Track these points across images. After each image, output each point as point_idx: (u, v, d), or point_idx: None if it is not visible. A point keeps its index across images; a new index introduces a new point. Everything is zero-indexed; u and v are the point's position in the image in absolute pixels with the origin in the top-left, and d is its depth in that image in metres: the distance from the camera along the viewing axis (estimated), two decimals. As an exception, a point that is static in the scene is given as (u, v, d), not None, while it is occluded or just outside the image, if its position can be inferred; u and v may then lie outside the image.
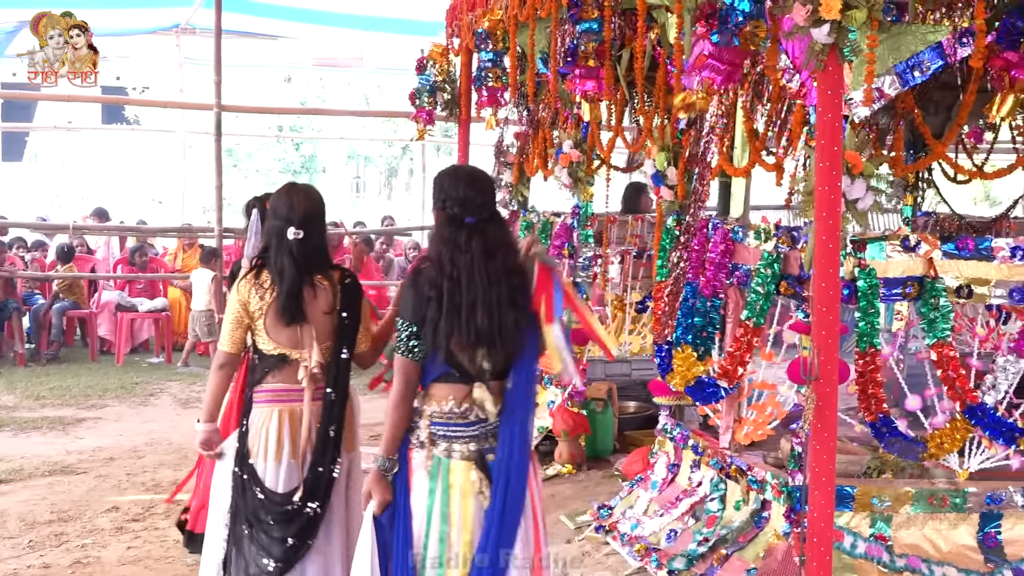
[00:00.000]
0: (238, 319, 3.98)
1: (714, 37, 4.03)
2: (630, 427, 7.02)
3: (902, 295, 4.35)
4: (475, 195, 3.57)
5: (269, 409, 3.99)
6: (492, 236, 3.56)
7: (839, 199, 3.66)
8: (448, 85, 8.22)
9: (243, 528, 3.96)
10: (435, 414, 3.52)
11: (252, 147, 26.33)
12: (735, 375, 4.74)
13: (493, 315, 3.47)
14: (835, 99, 3.57)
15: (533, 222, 7.52)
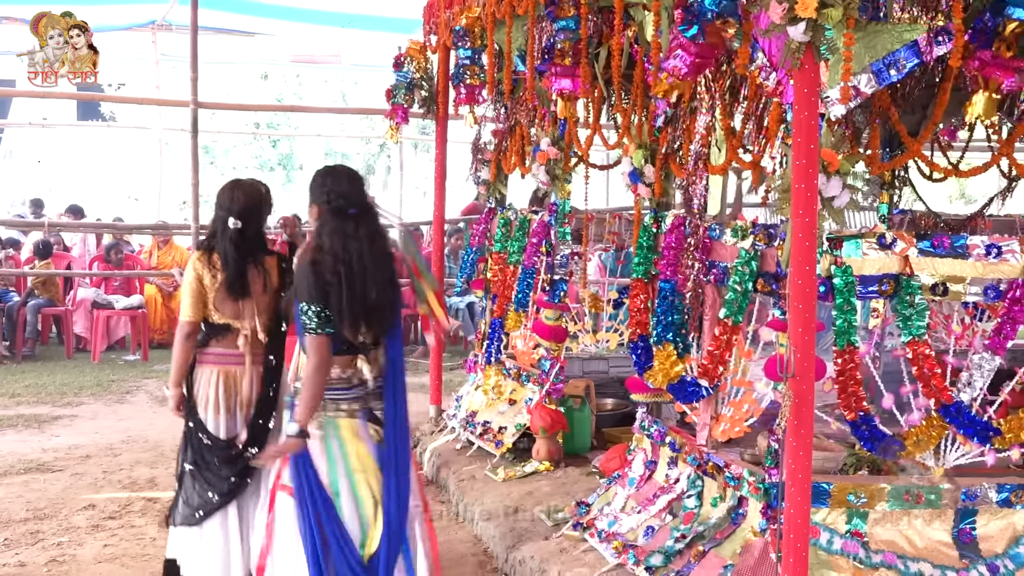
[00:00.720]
0: (196, 292, 4.59)
1: (681, 29, 4.05)
2: (608, 424, 7.04)
3: (878, 292, 4.37)
4: (355, 190, 4.12)
5: (211, 369, 4.64)
6: (372, 225, 4.13)
7: (815, 197, 3.67)
8: (425, 82, 8.20)
9: (189, 467, 4.64)
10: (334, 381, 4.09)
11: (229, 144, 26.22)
12: (715, 374, 4.76)
13: (380, 295, 4.08)
14: (811, 97, 3.58)
15: (511, 219, 7.52)
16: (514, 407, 6.95)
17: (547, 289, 6.85)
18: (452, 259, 12.64)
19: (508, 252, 7.38)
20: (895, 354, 4.51)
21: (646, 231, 5.48)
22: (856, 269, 4.27)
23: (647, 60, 5.35)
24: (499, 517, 5.70)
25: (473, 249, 8.16)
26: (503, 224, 7.58)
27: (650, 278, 5.46)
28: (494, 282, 7.52)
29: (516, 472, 6.37)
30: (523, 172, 7.39)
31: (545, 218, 6.94)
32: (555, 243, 6.81)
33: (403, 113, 8.19)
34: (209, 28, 13.80)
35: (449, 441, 7.27)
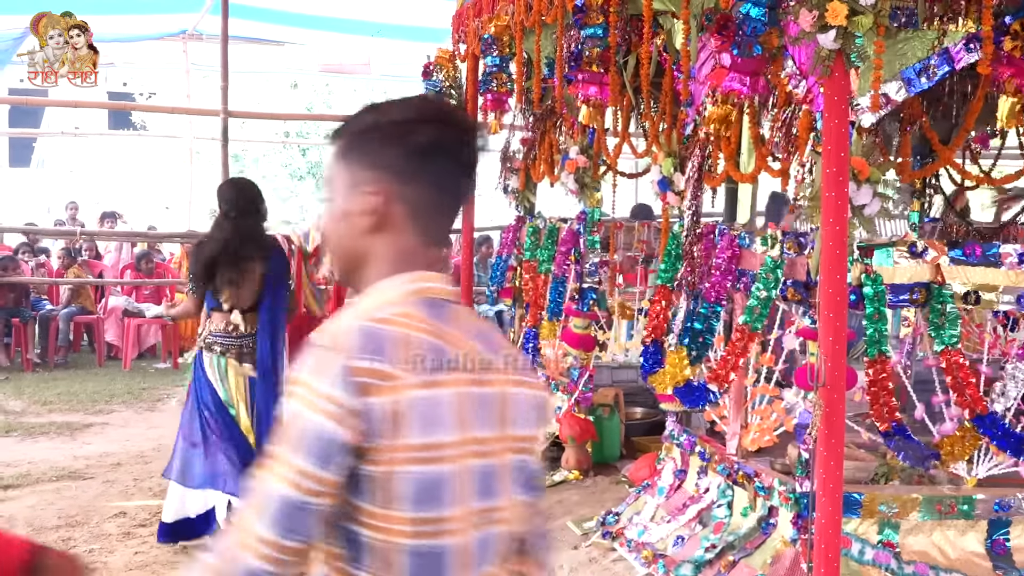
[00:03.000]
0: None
1: (733, 48, 4.04)
2: (637, 433, 7.01)
3: (909, 301, 4.34)
4: (238, 197, 5.69)
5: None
6: (245, 224, 5.60)
7: (846, 205, 3.66)
8: (454, 91, 8.21)
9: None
10: (213, 331, 5.62)
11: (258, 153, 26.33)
12: (726, 379, 4.72)
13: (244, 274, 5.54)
14: (842, 105, 3.57)
15: (539, 227, 7.52)
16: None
17: (576, 298, 6.84)
18: (481, 268, 12.64)
19: (538, 261, 7.37)
20: (926, 363, 4.48)
21: (675, 239, 5.47)
22: (887, 278, 4.25)
23: (676, 68, 5.35)
24: (528, 526, 5.69)
25: (502, 258, 8.15)
26: (532, 233, 7.58)
27: (674, 285, 5.45)
28: (526, 291, 7.52)
29: (545, 481, 6.37)
30: (552, 180, 7.39)
31: (574, 227, 6.94)
32: (584, 251, 6.80)
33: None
34: (239, 37, 13.88)
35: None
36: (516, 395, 1.82)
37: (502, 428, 1.79)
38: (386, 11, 13.41)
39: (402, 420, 1.65)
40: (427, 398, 1.67)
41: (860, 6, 3.38)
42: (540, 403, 1.90)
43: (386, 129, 1.81)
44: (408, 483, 1.65)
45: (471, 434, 1.73)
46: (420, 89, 8.22)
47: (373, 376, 1.64)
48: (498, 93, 7.48)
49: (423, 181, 1.81)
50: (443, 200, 1.85)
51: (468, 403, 1.73)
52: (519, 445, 1.83)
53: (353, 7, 13.54)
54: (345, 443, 1.63)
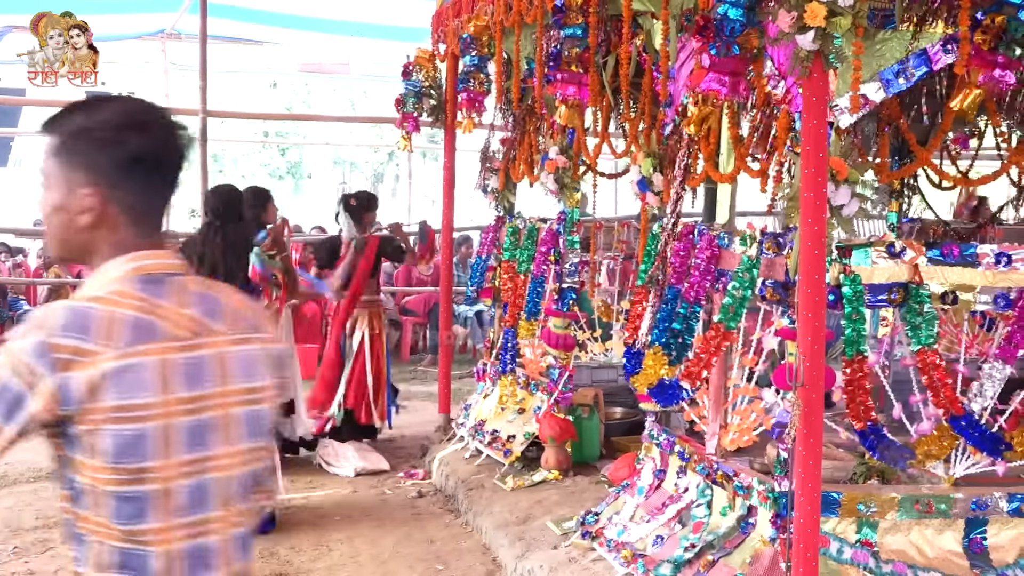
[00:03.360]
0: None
1: (712, 49, 4.04)
2: (617, 433, 7.02)
3: (887, 301, 4.36)
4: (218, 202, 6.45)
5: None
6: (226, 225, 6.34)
7: (824, 205, 3.68)
8: (434, 91, 8.21)
9: None
10: None
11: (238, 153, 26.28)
12: (698, 377, 4.72)
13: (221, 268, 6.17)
14: (820, 105, 3.58)
15: (519, 228, 7.51)
16: (523, 416, 6.95)
17: (556, 298, 6.84)
18: (461, 268, 12.64)
19: (517, 261, 7.37)
20: (904, 363, 4.49)
21: (654, 239, 5.47)
22: (865, 278, 4.26)
23: (655, 68, 5.36)
24: (508, 526, 5.70)
25: (482, 258, 8.15)
26: (512, 233, 7.58)
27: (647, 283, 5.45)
28: (504, 291, 7.51)
29: (525, 481, 6.36)
30: (531, 181, 7.39)
31: (554, 227, 6.94)
32: (564, 252, 6.80)
33: (413, 122, 8.20)
34: (218, 37, 13.83)
35: (458, 450, 7.27)
36: (237, 353, 2.06)
37: (223, 384, 2.03)
38: (366, 11, 13.39)
39: (99, 389, 1.89)
40: (125, 367, 1.90)
41: (839, 7, 3.38)
42: (270, 355, 2.15)
43: (96, 134, 2.00)
44: (109, 439, 1.90)
45: (177, 395, 1.96)
46: (400, 89, 8.23)
47: (72, 353, 1.87)
48: (475, 92, 7.48)
49: (133, 186, 2.04)
50: (152, 201, 2.10)
51: (173, 368, 1.96)
52: (247, 397, 2.07)
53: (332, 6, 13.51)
54: (33, 410, 1.88)
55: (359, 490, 7.03)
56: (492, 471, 6.68)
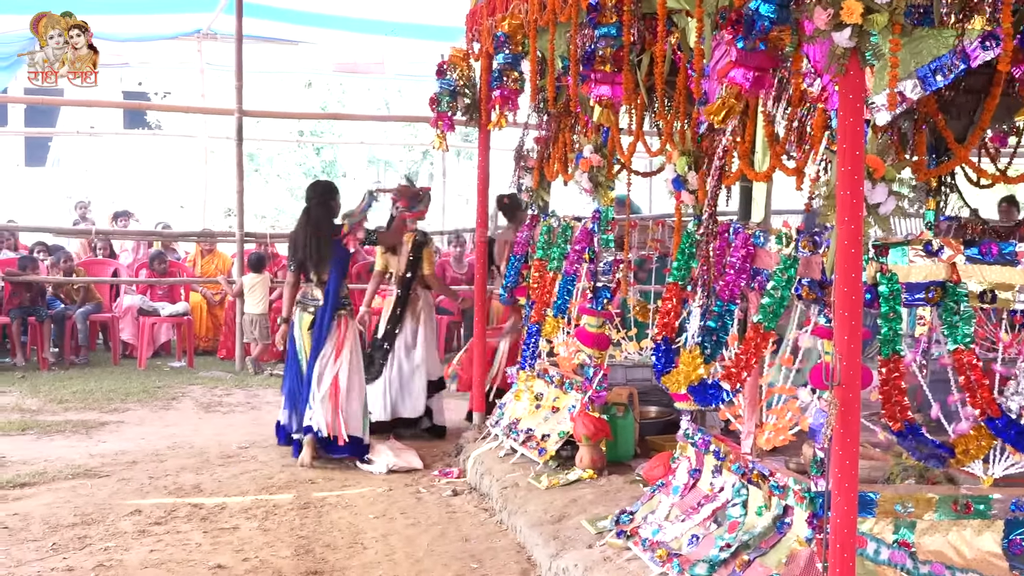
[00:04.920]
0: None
1: (739, 42, 4.03)
2: (651, 432, 7.01)
3: (924, 300, 4.32)
4: (309, 194, 7.97)
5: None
6: (316, 213, 7.79)
7: (861, 204, 3.66)
8: (468, 90, 8.23)
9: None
10: (300, 295, 7.85)
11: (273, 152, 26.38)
12: (739, 378, 4.70)
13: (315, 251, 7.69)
14: (857, 103, 3.56)
15: (553, 226, 7.51)
16: (557, 415, 6.95)
17: (590, 296, 6.83)
18: (496, 266, 12.64)
19: (549, 259, 7.37)
20: (942, 362, 4.46)
21: (688, 238, 5.46)
22: (902, 276, 4.24)
23: (690, 67, 5.34)
24: (542, 525, 5.70)
25: (517, 256, 8.16)
26: (546, 231, 7.58)
27: (686, 284, 5.44)
28: (533, 289, 7.53)
29: (559, 480, 6.36)
30: (566, 179, 7.39)
31: (588, 225, 6.93)
32: (598, 250, 6.79)
33: (448, 121, 8.22)
34: (254, 37, 13.93)
35: (492, 449, 7.27)
36: None
37: None
38: (400, 10, 13.44)
39: None
40: None
41: (875, 4, 3.37)
42: None
43: None
44: None
45: None
46: (435, 88, 8.25)
47: None
48: (509, 90, 7.49)
49: None
50: None
51: None
52: None
53: (367, 6, 13.57)
54: None
55: (394, 488, 7.05)
56: (527, 470, 6.68)
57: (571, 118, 7.41)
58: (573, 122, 7.43)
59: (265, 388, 10.85)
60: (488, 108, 8.09)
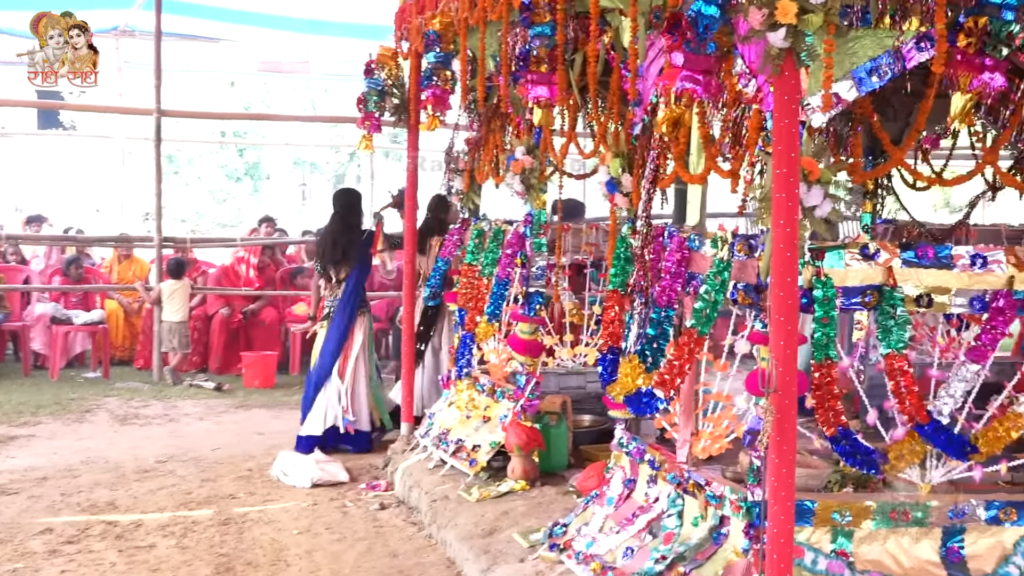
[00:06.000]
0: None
1: (687, 47, 4.05)
2: (585, 441, 7.02)
3: (861, 304, 4.38)
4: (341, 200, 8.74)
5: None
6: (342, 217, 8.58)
7: (796, 206, 3.69)
8: (397, 89, 8.18)
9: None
10: (325, 296, 8.57)
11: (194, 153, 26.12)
12: (672, 385, 4.73)
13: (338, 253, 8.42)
14: (792, 104, 3.59)
15: (484, 230, 7.50)
16: (488, 424, 6.93)
17: (523, 302, 6.83)
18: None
19: (481, 264, 7.35)
20: (879, 368, 4.51)
21: (623, 242, 5.48)
22: (838, 280, 4.28)
23: (624, 67, 5.36)
24: (473, 539, 5.67)
25: (442, 260, 8.14)
26: (476, 235, 7.56)
27: (626, 290, 5.46)
28: (463, 296, 7.50)
29: (490, 492, 6.35)
30: (497, 182, 7.38)
31: (520, 229, 6.93)
32: (530, 255, 6.79)
33: (375, 122, 8.17)
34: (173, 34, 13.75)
35: (421, 460, 7.24)
36: None
37: None
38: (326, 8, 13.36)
39: None
40: None
41: (810, 4, 3.40)
42: None
43: None
44: None
45: None
46: (362, 87, 8.20)
47: None
48: (439, 90, 7.47)
49: None
50: None
51: None
52: None
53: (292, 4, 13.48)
54: None
55: (319, 502, 6.99)
56: (457, 482, 6.66)
57: (502, 119, 7.41)
58: (504, 123, 7.42)
59: (184, 399, 10.72)
60: (418, 108, 8.05)
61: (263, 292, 12.95)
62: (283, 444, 8.32)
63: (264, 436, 9.05)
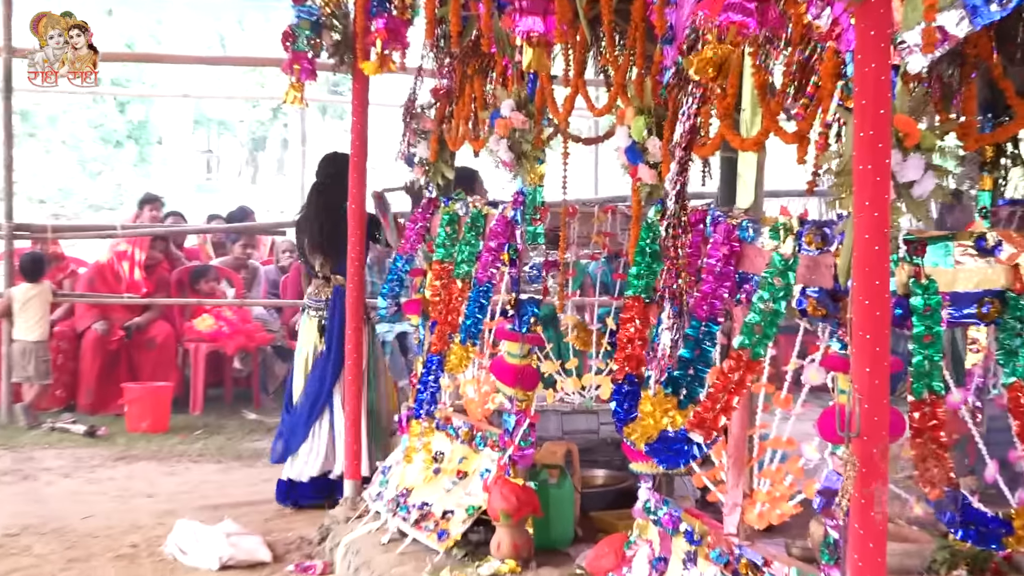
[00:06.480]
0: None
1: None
2: (598, 506, 7.03)
3: (977, 316, 4.37)
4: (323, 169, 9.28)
5: None
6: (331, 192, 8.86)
7: (887, 182, 3.70)
8: (338, 20, 8.19)
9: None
10: (308, 294, 9.19)
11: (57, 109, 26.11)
12: (714, 425, 4.70)
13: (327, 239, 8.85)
14: (881, 42, 3.61)
15: (459, 214, 7.49)
16: (464, 483, 6.93)
17: (511, 313, 6.82)
18: (376, 271, 12.58)
19: (455, 261, 7.34)
20: (999, 403, 4.50)
21: (649, 231, 5.48)
22: (945, 284, 4.28)
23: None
24: (444, 640, 5.68)
25: (403, 257, 8.12)
26: (448, 222, 7.55)
27: (652, 296, 5.44)
28: (434, 303, 7.49)
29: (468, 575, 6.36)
30: (476, 148, 7.38)
31: (508, 213, 6.93)
32: (522, 248, 6.79)
33: (307, 65, 8.17)
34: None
35: (372, 532, 7.23)
36: None
37: None
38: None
39: None
40: None
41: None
42: None
43: None
44: None
45: None
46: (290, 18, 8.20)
47: None
48: (395, 21, 7.48)
49: None
50: None
51: None
52: None
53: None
54: None
55: (231, 591, 7.00)
56: (421, 562, 6.65)
57: (483, 62, 7.41)
58: (486, 67, 7.43)
59: (43, 448, 10.72)
60: (366, 46, 8.05)
61: (153, 300, 12.94)
62: (179, 510, 8.31)
63: (154, 499, 9.05)
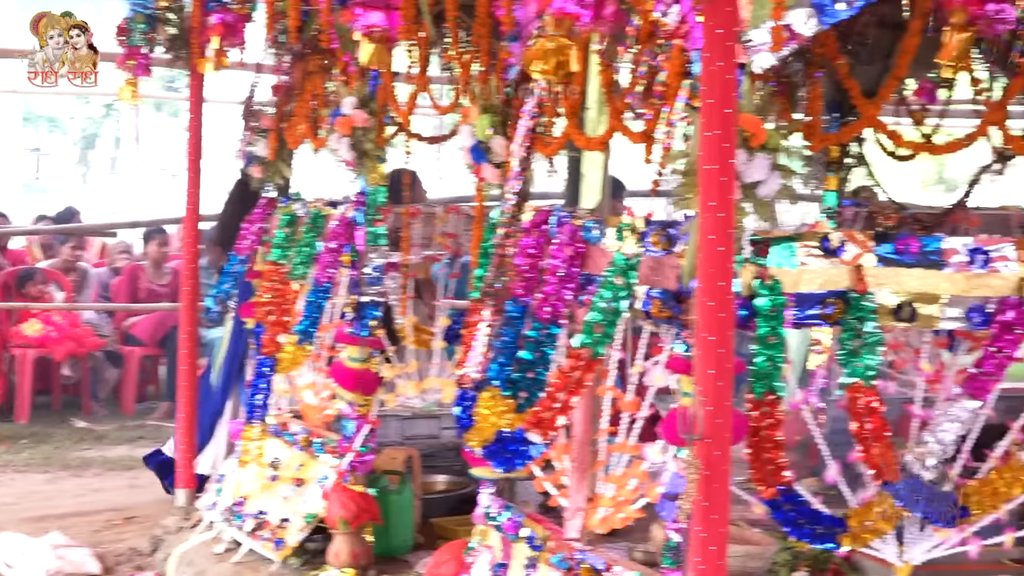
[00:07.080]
0: None
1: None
2: (439, 512, 7.04)
3: (820, 317, 4.42)
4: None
5: None
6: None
7: (733, 182, 3.74)
8: (174, 14, 8.13)
9: None
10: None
11: None
12: (552, 425, 4.71)
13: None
14: (727, 40, 3.65)
15: (298, 215, 7.46)
16: (301, 490, 6.89)
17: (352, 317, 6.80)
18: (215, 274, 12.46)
19: (291, 263, 7.31)
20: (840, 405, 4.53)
21: (493, 231, 5.49)
22: (789, 285, 4.32)
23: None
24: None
25: (239, 258, 8.06)
26: (286, 223, 7.51)
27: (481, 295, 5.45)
28: (265, 306, 7.44)
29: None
30: (316, 146, 7.35)
31: (349, 214, 6.91)
32: (363, 250, 6.77)
33: (142, 60, 8.09)
34: None
35: (206, 542, 7.17)
36: None
37: None
38: None
39: None
40: None
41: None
42: None
43: None
44: None
45: None
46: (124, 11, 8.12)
47: None
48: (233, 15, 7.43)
49: None
50: None
51: None
52: None
53: None
54: None
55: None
56: (257, 572, 6.62)
57: (323, 58, 7.39)
58: (327, 64, 7.40)
59: None
60: (203, 41, 7.99)
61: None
62: (4, 523, 8.18)
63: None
